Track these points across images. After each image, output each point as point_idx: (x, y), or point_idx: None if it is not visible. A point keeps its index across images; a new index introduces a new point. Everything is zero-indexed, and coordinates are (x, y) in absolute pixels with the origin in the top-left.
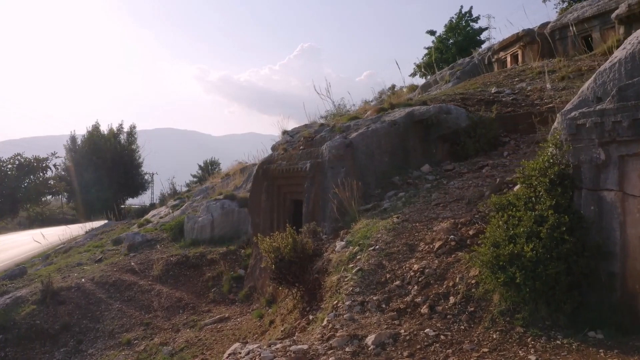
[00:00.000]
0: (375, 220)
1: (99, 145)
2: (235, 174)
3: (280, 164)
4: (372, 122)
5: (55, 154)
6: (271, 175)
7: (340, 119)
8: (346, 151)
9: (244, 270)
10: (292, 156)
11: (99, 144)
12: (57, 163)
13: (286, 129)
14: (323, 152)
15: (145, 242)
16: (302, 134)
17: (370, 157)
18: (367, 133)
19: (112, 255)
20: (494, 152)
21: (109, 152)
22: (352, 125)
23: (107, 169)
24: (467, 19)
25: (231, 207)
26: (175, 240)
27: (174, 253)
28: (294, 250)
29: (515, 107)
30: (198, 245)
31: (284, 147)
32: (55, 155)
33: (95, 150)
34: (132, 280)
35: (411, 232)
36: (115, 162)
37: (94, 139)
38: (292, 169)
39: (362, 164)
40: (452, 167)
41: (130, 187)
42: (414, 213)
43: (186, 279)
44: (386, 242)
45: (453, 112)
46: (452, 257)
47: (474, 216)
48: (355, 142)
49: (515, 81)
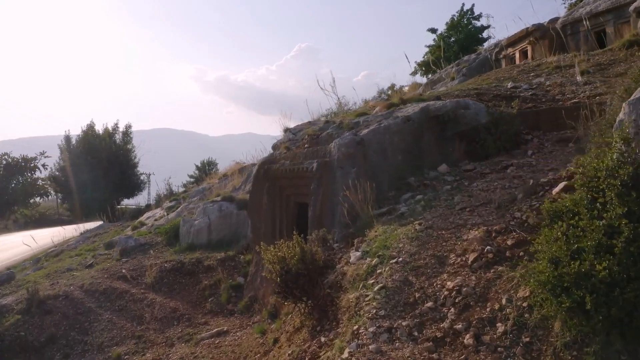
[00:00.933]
0: (393, 226)
1: (94, 145)
2: (234, 175)
3: (283, 163)
4: (384, 118)
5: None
6: (273, 176)
7: (348, 115)
8: (357, 149)
9: (243, 278)
10: (296, 155)
11: (94, 143)
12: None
13: (288, 127)
14: (331, 151)
15: (139, 247)
16: (305, 131)
17: (383, 155)
18: (380, 130)
19: (104, 260)
20: (517, 151)
21: (104, 152)
22: (361, 121)
23: (102, 169)
24: (469, 17)
25: (229, 209)
26: (170, 245)
27: (168, 259)
28: (302, 261)
29: (535, 103)
30: (194, 250)
31: (286, 145)
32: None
33: (90, 150)
34: (124, 288)
35: (438, 241)
36: (110, 162)
37: (89, 139)
38: (296, 169)
39: (374, 163)
40: (472, 167)
41: (126, 188)
42: (438, 219)
43: (181, 287)
44: (410, 254)
45: (471, 107)
46: (490, 272)
47: (509, 223)
48: (366, 139)
49: (531, 76)
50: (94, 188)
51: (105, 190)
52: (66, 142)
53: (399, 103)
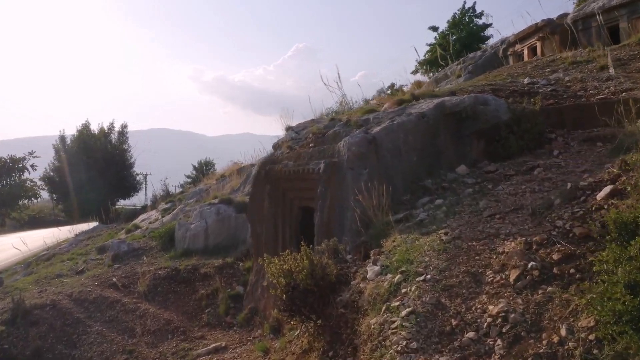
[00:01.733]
0: (414, 235)
1: (89, 144)
2: (232, 175)
3: (286, 164)
4: (396, 114)
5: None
6: (275, 178)
7: (355, 112)
8: (369, 149)
9: (242, 287)
10: (301, 155)
11: (89, 143)
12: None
13: (290, 125)
14: (340, 150)
15: (132, 252)
16: (310, 130)
17: (396, 155)
18: (393, 127)
19: (95, 265)
20: (540, 151)
21: (99, 152)
22: (371, 118)
23: (97, 170)
24: (471, 15)
25: (227, 212)
26: (165, 250)
27: (162, 265)
28: (311, 276)
29: (557, 99)
30: (190, 255)
31: (289, 145)
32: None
33: (85, 150)
34: (115, 298)
35: (469, 254)
36: (106, 162)
37: (84, 139)
38: (301, 170)
39: (387, 164)
40: (494, 169)
41: (122, 188)
42: (465, 227)
43: (176, 296)
44: (439, 270)
45: (491, 103)
46: (539, 293)
47: (551, 233)
48: (379, 137)
49: (547, 72)
50: (89, 189)
51: (100, 191)
52: (61, 142)
53: (410, 99)
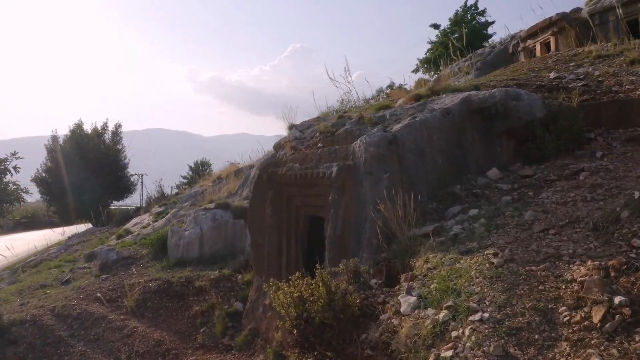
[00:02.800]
0: (452, 255)
1: (82, 145)
2: (229, 177)
3: (291, 167)
4: (417, 110)
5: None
6: (279, 182)
7: (367, 108)
8: (389, 149)
9: (241, 304)
10: (308, 157)
11: (82, 143)
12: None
13: (294, 123)
14: (355, 151)
15: (121, 261)
16: (316, 128)
17: (420, 157)
18: (415, 125)
19: (82, 275)
20: (580, 152)
21: (92, 153)
22: (387, 115)
23: (90, 170)
24: (473, 12)
25: (224, 218)
26: (157, 259)
27: (153, 277)
28: (329, 307)
29: (591, 95)
30: (184, 265)
31: (293, 145)
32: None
33: (77, 150)
34: (101, 313)
35: (530, 283)
36: (99, 162)
37: (77, 139)
38: (309, 174)
39: (410, 167)
40: (531, 173)
41: (116, 189)
42: (515, 246)
43: (168, 313)
44: (498, 305)
45: (524, 98)
46: (637, 340)
47: (629, 255)
48: (400, 137)
49: (571, 66)
50: (82, 190)
51: (94, 193)
52: (53, 142)
53: (429, 94)
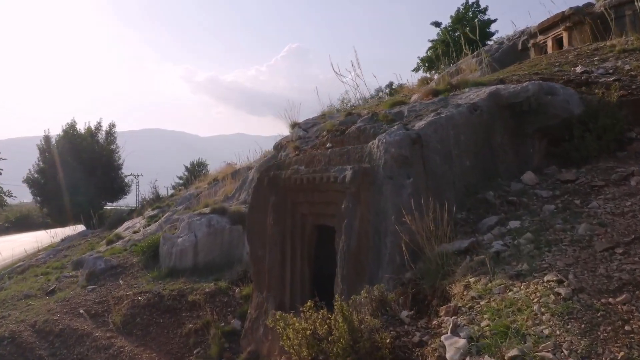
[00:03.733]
0: (500, 281)
1: (75, 145)
2: (226, 179)
3: (296, 170)
4: (439, 106)
5: None
6: (282, 187)
7: (380, 104)
8: (413, 151)
9: (239, 321)
10: (315, 158)
11: (75, 143)
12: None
13: (296, 121)
14: (372, 152)
15: (109, 270)
16: (322, 126)
17: (447, 159)
18: (441, 122)
19: (68, 284)
20: (622, 154)
21: (85, 153)
22: (405, 111)
23: (83, 171)
24: (475, 10)
25: (221, 224)
26: (148, 268)
27: (143, 289)
28: (352, 349)
29: (627, 90)
30: (177, 276)
31: (296, 145)
32: None
33: (70, 150)
34: (85, 330)
35: (613, 322)
36: (92, 163)
37: (69, 139)
38: (318, 178)
39: (436, 171)
40: (573, 177)
41: (110, 191)
42: (578, 269)
43: (158, 329)
44: (581, 356)
45: (559, 92)
46: None
47: None
48: (425, 136)
49: (596, 60)
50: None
51: (87, 194)
52: (45, 143)
53: (447, 89)
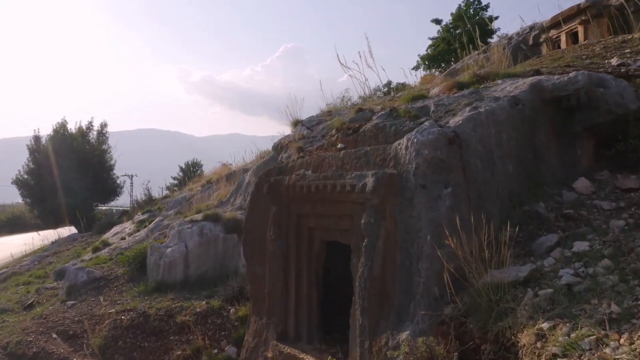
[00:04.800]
0: (588, 330)
1: (65, 145)
2: (220, 181)
3: (302, 175)
4: (474, 99)
5: None
6: (286, 195)
7: (396, 99)
8: (451, 153)
9: (235, 348)
10: (325, 161)
11: (65, 143)
12: None
13: (299, 118)
14: (399, 155)
15: (92, 283)
16: (330, 124)
17: (489, 164)
18: (481, 118)
19: (48, 297)
20: None
21: (76, 153)
22: (432, 106)
23: (74, 172)
24: (476, 7)
25: (214, 233)
26: (134, 280)
27: (127, 306)
28: None
29: None
30: (165, 290)
31: (299, 145)
32: None
33: (60, 151)
34: (61, 354)
35: None
36: (83, 164)
37: (60, 139)
38: (330, 186)
39: (477, 178)
40: (635, 185)
41: (101, 192)
42: None
43: (143, 355)
44: None
45: (611, 85)
46: None
47: None
48: (463, 134)
49: (627, 53)
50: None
51: (77, 195)
52: (35, 143)
53: (473, 81)
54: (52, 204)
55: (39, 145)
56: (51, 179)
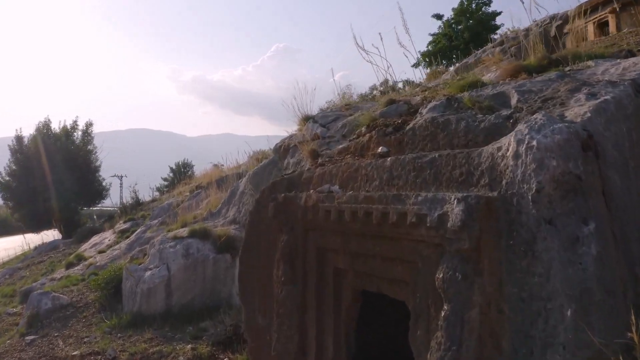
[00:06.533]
0: None
1: (48, 145)
2: (210, 187)
3: (326, 192)
4: (576, 84)
5: None
6: (302, 222)
7: (446, 86)
8: (587, 164)
9: None
10: (361, 173)
11: (48, 144)
12: None
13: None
14: (502, 166)
15: (57, 311)
16: (352, 120)
17: (625, 178)
18: (610, 110)
19: (9, 326)
20: None
21: (59, 154)
22: (513, 93)
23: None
24: (479, 2)
25: (202, 252)
26: (107, 310)
27: (95, 347)
28: None
29: None
30: (143, 325)
31: (313, 148)
32: None
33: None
34: None
35: None
36: (67, 165)
37: (43, 139)
38: (379, 213)
39: (618, 202)
40: None
41: (86, 194)
42: None
43: None
44: None
45: None
46: None
47: None
48: (597, 135)
49: None
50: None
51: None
52: (17, 143)
53: (544, 65)
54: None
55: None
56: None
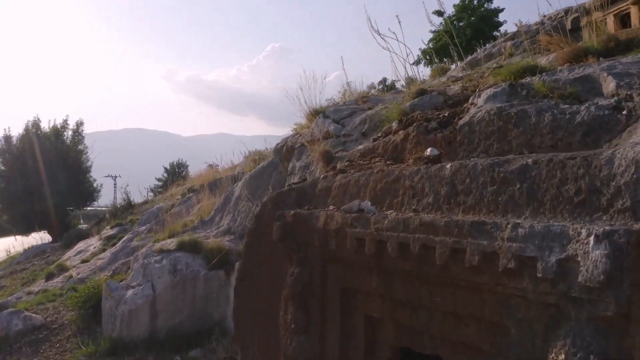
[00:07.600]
0: None
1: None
2: (203, 190)
3: (355, 211)
4: None
5: None
6: (320, 250)
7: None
8: None
9: None
10: (404, 183)
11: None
12: None
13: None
14: None
15: (30, 333)
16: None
17: None
18: None
19: None
20: None
21: (49, 154)
22: (604, 77)
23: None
24: None
25: (192, 269)
26: (84, 333)
27: None
28: None
29: None
30: (123, 353)
31: (326, 149)
32: None
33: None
34: None
35: None
36: (57, 165)
37: (32, 138)
38: (448, 249)
39: None
40: None
41: (77, 195)
42: None
43: None
44: None
45: None
46: None
47: None
48: None
49: None
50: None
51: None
52: (6, 143)
53: (609, 48)
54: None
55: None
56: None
